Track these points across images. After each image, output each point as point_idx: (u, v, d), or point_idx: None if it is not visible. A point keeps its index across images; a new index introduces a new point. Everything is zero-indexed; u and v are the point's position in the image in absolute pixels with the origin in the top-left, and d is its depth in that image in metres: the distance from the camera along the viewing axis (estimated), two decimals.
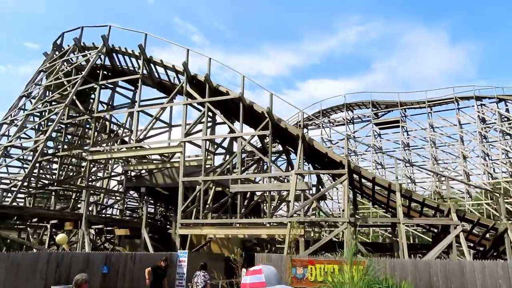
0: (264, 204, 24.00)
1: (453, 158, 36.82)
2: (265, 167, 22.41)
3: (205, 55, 21.11)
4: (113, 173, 27.24)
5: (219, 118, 22.68)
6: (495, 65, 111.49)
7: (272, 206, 27.61)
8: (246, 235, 19.84)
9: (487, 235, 17.35)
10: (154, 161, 24.35)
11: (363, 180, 18.42)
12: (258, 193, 23.19)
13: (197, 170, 22.64)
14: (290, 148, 21.51)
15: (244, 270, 15.82)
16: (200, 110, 22.19)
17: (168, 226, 27.10)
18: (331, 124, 42.06)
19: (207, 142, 20.87)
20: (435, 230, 18.61)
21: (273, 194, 23.91)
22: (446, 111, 37.15)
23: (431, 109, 37.49)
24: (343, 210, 16.34)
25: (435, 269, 12.94)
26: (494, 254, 17.21)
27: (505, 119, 34.33)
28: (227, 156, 22.46)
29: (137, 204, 30.85)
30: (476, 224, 16.53)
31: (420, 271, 12.90)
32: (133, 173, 26.30)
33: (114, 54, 23.75)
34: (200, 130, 22.49)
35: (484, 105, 35.52)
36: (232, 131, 21.84)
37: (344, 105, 40.75)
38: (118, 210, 25.29)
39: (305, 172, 17.70)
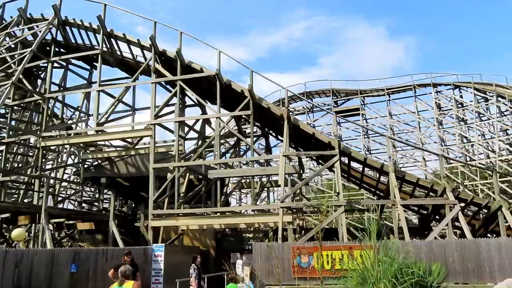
0: (238, 193, 22.21)
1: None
2: (242, 152, 20.66)
3: (175, 28, 18.80)
4: (64, 163, 24.13)
5: (190, 100, 20.62)
6: (429, 60, 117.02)
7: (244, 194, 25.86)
8: (223, 224, 18.02)
9: (477, 215, 16.86)
10: (116, 148, 21.70)
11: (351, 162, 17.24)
12: (234, 181, 21.39)
13: (165, 157, 20.45)
14: (270, 131, 19.89)
15: (240, 261, 14.05)
16: (169, 91, 19.91)
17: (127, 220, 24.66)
18: (292, 112, 40.95)
19: (178, 125, 18.66)
20: (424, 212, 17.88)
21: (249, 180, 22.24)
22: (404, 98, 37.36)
23: (390, 97, 37.52)
24: (338, 194, 15.02)
25: (451, 250, 11.98)
26: (484, 233, 16.75)
27: (460, 105, 34.99)
28: (200, 141, 20.39)
29: (91, 197, 27.86)
30: (469, 203, 15.92)
31: (435, 252, 11.88)
32: (88, 164, 23.45)
33: (68, 28, 20.74)
34: (169, 113, 20.28)
35: (440, 92, 36.01)
36: (204, 113, 19.90)
37: (305, 94, 39.77)
38: (76, 203, 22.35)
39: (293, 153, 16.19)
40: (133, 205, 27.34)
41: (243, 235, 23.28)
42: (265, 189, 21.52)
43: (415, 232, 18.16)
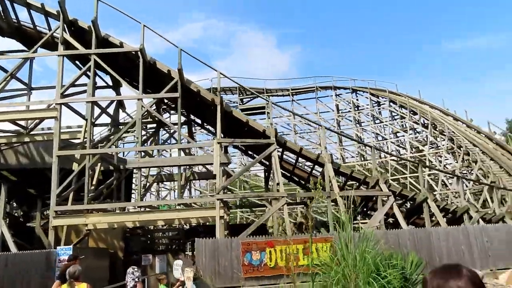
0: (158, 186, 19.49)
1: (312, 144, 37.57)
2: (161, 141, 18.06)
3: None
4: None
5: (102, 82, 17.45)
6: (311, 68, 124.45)
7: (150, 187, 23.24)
8: (139, 222, 15.36)
9: (401, 207, 16.85)
10: (5, 134, 17.35)
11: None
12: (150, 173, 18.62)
13: (67, 146, 16.96)
14: (196, 118, 17.69)
15: (179, 262, 11.58)
16: (80, 68, 16.51)
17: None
18: None
19: (91, 106, 15.47)
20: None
21: (169, 173, 19.76)
22: (307, 99, 37.86)
23: (294, 97, 37.68)
24: (278, 184, 13.57)
25: (404, 239, 11.32)
26: (406, 224, 16.80)
27: (356, 108, 36.57)
28: (113, 128, 17.31)
29: None
30: (397, 195, 15.77)
31: (391, 243, 11.09)
32: None
33: None
34: (75, 94, 16.87)
35: (339, 95, 37.19)
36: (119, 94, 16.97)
37: (211, 90, 37.87)
38: None
39: (228, 141, 14.32)
40: (21, 204, 22.69)
41: (155, 234, 20.59)
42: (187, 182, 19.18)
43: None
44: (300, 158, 16.40)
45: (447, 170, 27.08)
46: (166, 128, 18.33)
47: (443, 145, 31.10)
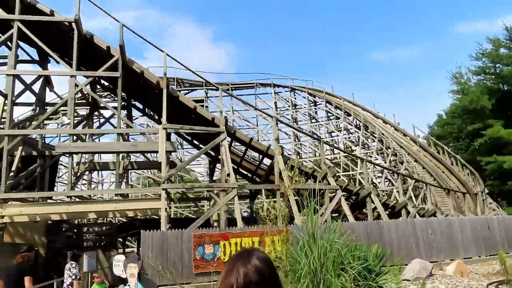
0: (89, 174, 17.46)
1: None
2: (95, 125, 16.19)
3: None
4: None
5: (28, 55, 15.22)
6: (247, 66, 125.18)
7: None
8: (67, 214, 13.56)
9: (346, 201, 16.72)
10: None
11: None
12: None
13: None
14: (136, 102, 16.10)
15: (120, 257, 10.06)
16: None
17: None
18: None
19: (13, 81, 13.30)
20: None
21: (103, 162, 17.92)
22: (246, 95, 37.22)
23: (233, 92, 36.83)
24: (228, 175, 12.59)
25: (358, 232, 10.98)
26: None
27: (294, 107, 36.69)
28: (38, 108, 15.12)
29: None
30: (343, 189, 15.59)
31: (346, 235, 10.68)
32: None
33: None
34: None
35: (278, 93, 37.08)
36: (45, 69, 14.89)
37: None
38: None
39: (175, 127, 13.05)
40: None
41: (82, 229, 18.56)
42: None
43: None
44: (248, 150, 15.61)
45: (390, 167, 27.87)
46: (101, 112, 16.49)
47: (374, 145, 32.16)
